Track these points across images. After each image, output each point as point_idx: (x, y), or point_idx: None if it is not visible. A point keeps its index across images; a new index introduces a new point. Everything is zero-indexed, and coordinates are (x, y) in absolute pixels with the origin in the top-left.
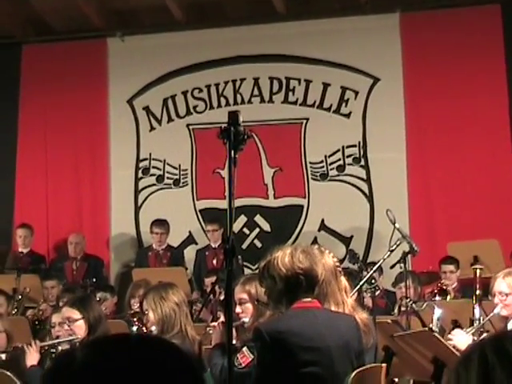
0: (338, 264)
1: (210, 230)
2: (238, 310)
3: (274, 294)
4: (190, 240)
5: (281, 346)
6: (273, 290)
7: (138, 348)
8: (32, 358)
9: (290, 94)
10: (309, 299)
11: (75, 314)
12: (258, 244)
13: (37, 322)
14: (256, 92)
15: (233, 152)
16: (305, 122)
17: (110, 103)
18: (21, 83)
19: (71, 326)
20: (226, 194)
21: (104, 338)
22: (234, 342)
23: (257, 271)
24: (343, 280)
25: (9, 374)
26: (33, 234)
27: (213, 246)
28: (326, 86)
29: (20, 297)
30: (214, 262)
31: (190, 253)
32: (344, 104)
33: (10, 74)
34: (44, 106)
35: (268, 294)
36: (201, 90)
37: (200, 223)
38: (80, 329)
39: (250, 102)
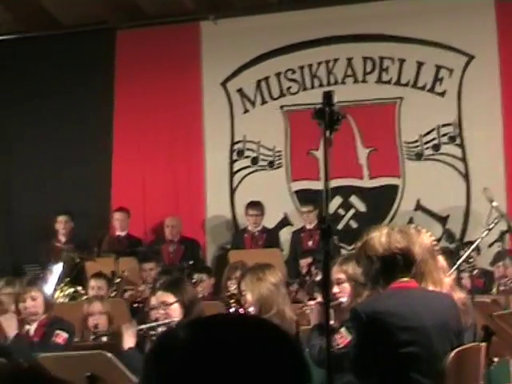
0: (435, 243)
1: (304, 211)
2: (335, 290)
3: (371, 274)
4: (285, 221)
5: (378, 327)
6: (370, 270)
7: (239, 327)
8: (129, 340)
9: (384, 73)
10: (406, 279)
11: (169, 297)
12: (354, 224)
13: (135, 304)
14: (349, 72)
15: (327, 132)
16: (399, 101)
17: (203, 86)
18: (115, 68)
19: (166, 309)
20: (322, 174)
21: (206, 317)
22: (331, 322)
23: (353, 251)
24: (441, 259)
25: (108, 354)
26: (129, 218)
27: (308, 227)
28: (420, 64)
29: (119, 279)
30: (310, 243)
31: (285, 234)
32: (438, 82)
33: (105, 60)
34: (138, 90)
35: (365, 274)
36: (294, 72)
37: (295, 204)
38: (175, 312)
39: (343, 82)
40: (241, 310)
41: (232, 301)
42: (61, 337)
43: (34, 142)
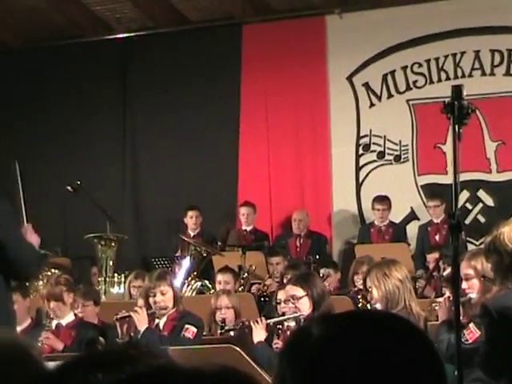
0: None
1: (431, 205)
2: (464, 285)
3: (501, 270)
4: (411, 216)
5: (508, 323)
6: (499, 266)
7: (373, 323)
8: (259, 334)
9: None
10: None
11: (299, 291)
12: (482, 219)
13: (262, 298)
14: (477, 65)
15: (457, 126)
16: None
17: (329, 80)
18: (242, 63)
19: (296, 303)
20: (449, 168)
21: (338, 313)
22: (460, 318)
23: (481, 246)
24: None
25: (238, 349)
26: (255, 212)
27: (435, 221)
28: None
29: (246, 274)
30: (437, 237)
31: (412, 229)
32: None
33: (232, 55)
34: (265, 84)
35: (494, 270)
36: (420, 65)
37: (421, 199)
38: (304, 305)
39: (470, 75)
40: (367, 306)
41: (359, 296)
42: (190, 331)
43: (162, 137)
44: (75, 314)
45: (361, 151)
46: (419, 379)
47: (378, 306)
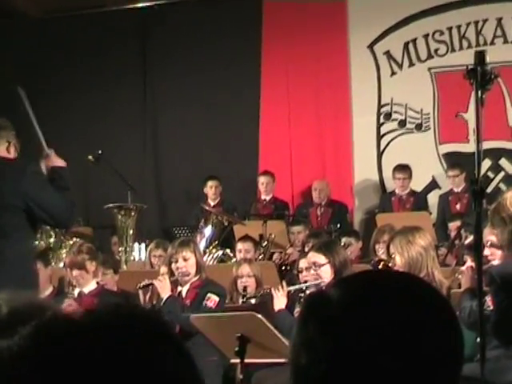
0: None
1: (451, 175)
2: (486, 252)
3: (505, 236)
4: (433, 184)
5: None
6: (504, 232)
7: (394, 281)
8: (280, 301)
9: None
10: None
11: (321, 258)
12: (504, 187)
13: (283, 267)
14: (499, 33)
15: (480, 92)
16: None
17: (350, 49)
18: (263, 31)
19: (317, 270)
20: (471, 136)
21: (354, 275)
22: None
23: None
24: None
25: (259, 316)
26: (274, 181)
27: (455, 190)
28: None
29: (266, 242)
30: (458, 206)
31: (433, 197)
32: None
33: (253, 23)
34: (285, 55)
35: (500, 236)
36: (442, 33)
37: (443, 167)
38: (326, 273)
39: (492, 43)
40: None
41: (380, 265)
42: (212, 300)
43: (182, 107)
44: (97, 283)
45: (382, 120)
46: (436, 348)
47: None
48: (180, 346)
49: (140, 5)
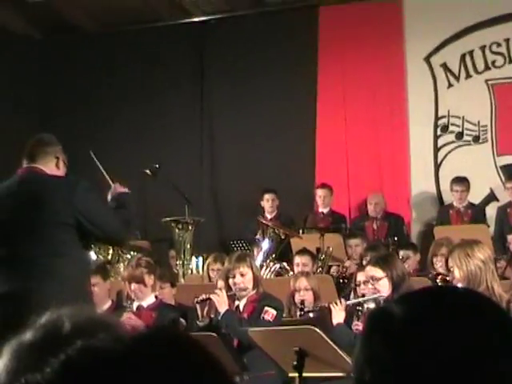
0: None
1: (509, 186)
2: None
3: None
4: (490, 197)
5: None
6: None
7: (457, 297)
8: (338, 315)
9: None
10: None
11: (378, 272)
12: None
13: (341, 280)
14: None
15: None
16: None
17: (406, 61)
18: (319, 44)
19: (375, 284)
20: None
21: (416, 292)
22: None
23: None
24: None
25: (317, 330)
26: (332, 194)
27: None
28: None
29: (324, 256)
30: None
31: (490, 210)
32: None
33: (309, 36)
34: (342, 65)
35: None
36: (499, 45)
37: (501, 179)
38: (384, 287)
39: None
40: None
41: (439, 279)
42: (270, 313)
43: (239, 121)
44: (156, 296)
45: (439, 132)
46: (496, 367)
47: (460, 287)
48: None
49: (196, 19)
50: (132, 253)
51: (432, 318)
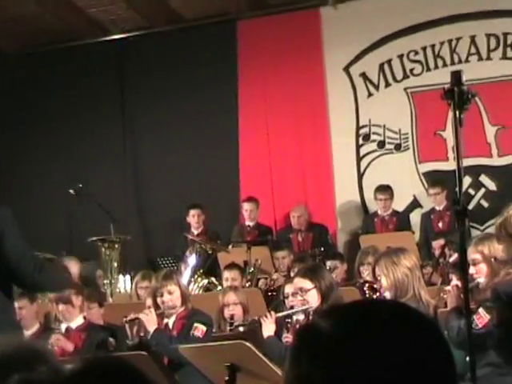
0: None
1: (432, 193)
2: (471, 270)
3: None
4: (414, 204)
5: None
6: (510, 247)
7: (384, 311)
8: (268, 328)
9: (509, 49)
10: None
11: (307, 283)
12: (485, 204)
13: (269, 293)
14: (473, 50)
15: (458, 112)
16: None
17: (326, 72)
18: (238, 58)
19: (304, 295)
20: (450, 155)
21: (344, 306)
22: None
23: (487, 231)
24: None
25: (247, 344)
26: (258, 207)
27: (437, 208)
28: None
29: (252, 269)
30: (440, 224)
31: (415, 217)
32: None
33: (228, 50)
34: (263, 79)
35: (506, 252)
36: (417, 53)
37: (424, 186)
38: (313, 298)
39: (467, 60)
40: (376, 296)
41: (366, 287)
42: (199, 330)
43: (162, 137)
44: (84, 317)
45: (361, 141)
46: (431, 374)
47: (387, 295)
48: None
49: (115, 37)
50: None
51: (360, 334)
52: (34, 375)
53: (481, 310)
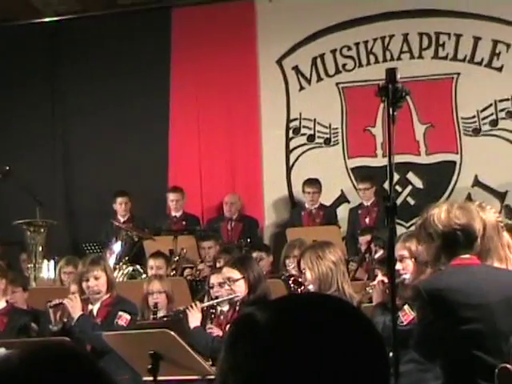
0: (500, 219)
1: (361, 188)
2: (398, 267)
3: (432, 252)
4: (342, 198)
5: (440, 304)
6: (430, 248)
7: (315, 306)
8: (194, 319)
9: (440, 49)
10: (467, 256)
11: (235, 273)
12: (411, 201)
13: (194, 282)
14: (405, 48)
15: (391, 109)
16: (456, 76)
17: (259, 64)
18: (172, 46)
19: (232, 285)
20: (378, 151)
21: (281, 298)
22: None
23: (412, 228)
24: (506, 235)
25: (171, 333)
26: (184, 197)
27: (365, 204)
28: (476, 39)
29: (177, 258)
30: (367, 220)
31: (342, 211)
32: (496, 57)
33: (161, 39)
34: (195, 68)
35: (426, 252)
36: (350, 48)
37: (352, 181)
38: (240, 288)
39: (399, 58)
40: (300, 289)
41: (291, 280)
42: (123, 318)
43: (92, 123)
44: (7, 301)
45: (291, 134)
46: (362, 363)
47: (311, 288)
48: (93, 366)
49: (48, 19)
50: None
51: (297, 326)
52: None
53: (406, 306)
